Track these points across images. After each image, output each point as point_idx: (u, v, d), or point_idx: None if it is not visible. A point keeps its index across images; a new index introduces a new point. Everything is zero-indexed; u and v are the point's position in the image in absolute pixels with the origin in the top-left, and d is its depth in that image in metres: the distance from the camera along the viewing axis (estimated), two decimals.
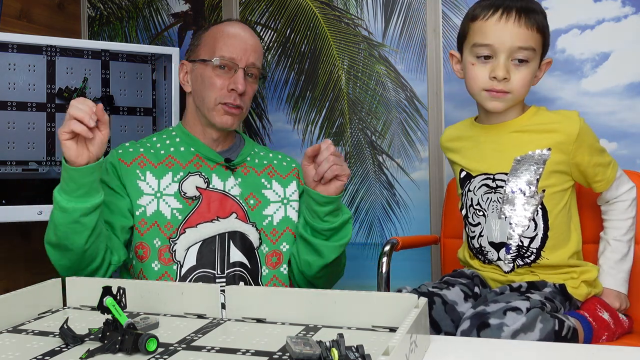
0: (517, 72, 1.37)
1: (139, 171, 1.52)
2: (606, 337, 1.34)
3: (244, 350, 0.88)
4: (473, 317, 1.20)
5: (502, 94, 1.38)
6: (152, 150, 1.57)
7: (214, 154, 1.58)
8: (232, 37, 1.57)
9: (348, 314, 0.99)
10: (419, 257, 2.04)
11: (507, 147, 1.41)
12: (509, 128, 1.43)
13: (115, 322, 0.89)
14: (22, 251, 2.20)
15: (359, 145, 2.17)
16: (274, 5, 2.26)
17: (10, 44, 1.89)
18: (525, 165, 1.38)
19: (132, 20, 2.44)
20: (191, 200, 1.51)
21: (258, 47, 1.61)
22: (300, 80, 2.24)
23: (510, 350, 0.95)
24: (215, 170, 1.56)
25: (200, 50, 1.60)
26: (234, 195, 1.54)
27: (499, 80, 1.36)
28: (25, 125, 1.91)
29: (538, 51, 1.38)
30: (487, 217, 1.43)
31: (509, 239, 1.40)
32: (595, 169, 1.40)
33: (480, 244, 1.45)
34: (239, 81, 1.53)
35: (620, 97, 1.86)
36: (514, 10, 1.35)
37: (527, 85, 1.39)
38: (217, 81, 1.55)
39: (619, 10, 1.86)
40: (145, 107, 2.11)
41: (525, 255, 1.39)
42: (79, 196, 1.31)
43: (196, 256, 1.46)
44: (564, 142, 1.37)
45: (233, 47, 1.55)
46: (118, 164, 1.52)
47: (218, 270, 1.46)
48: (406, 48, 2.11)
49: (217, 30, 1.60)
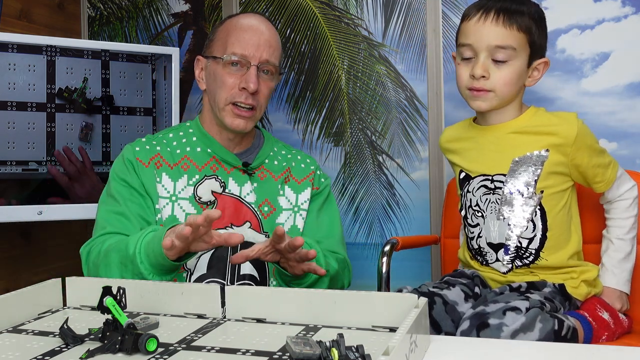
0: (498, 70, 1.37)
1: (156, 172, 1.47)
2: (606, 337, 1.34)
3: (244, 350, 0.88)
4: (473, 317, 1.20)
5: (483, 92, 1.39)
6: (168, 149, 1.51)
7: (231, 157, 1.51)
8: (245, 31, 1.48)
9: (348, 314, 0.99)
10: (419, 257, 2.04)
11: (506, 148, 1.41)
12: (507, 129, 1.43)
13: (115, 322, 0.89)
14: (22, 251, 2.20)
15: (359, 145, 2.17)
16: (274, 5, 2.26)
17: (10, 44, 1.89)
18: (523, 166, 1.39)
19: (132, 20, 2.44)
20: (206, 206, 1.46)
21: (274, 41, 1.51)
22: (300, 80, 2.24)
23: (510, 350, 0.95)
24: (232, 174, 1.50)
25: (213, 45, 1.52)
26: (249, 202, 1.49)
27: (476, 79, 1.38)
28: (25, 125, 1.91)
29: (521, 51, 1.38)
30: (485, 218, 1.43)
31: (508, 240, 1.40)
32: (594, 169, 1.40)
33: (479, 245, 1.45)
34: (251, 79, 1.45)
35: (620, 97, 1.86)
36: (493, 11, 1.37)
37: (511, 85, 1.39)
38: (228, 79, 1.47)
39: (619, 10, 1.86)
40: (145, 107, 2.11)
41: (524, 257, 1.39)
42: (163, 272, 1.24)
43: (207, 264, 1.41)
44: (562, 144, 1.37)
45: (245, 43, 1.46)
46: (136, 163, 1.47)
47: (228, 281, 1.41)
48: (406, 48, 2.11)
49: (230, 24, 1.51)
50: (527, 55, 1.39)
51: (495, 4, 1.38)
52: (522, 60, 1.39)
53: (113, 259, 1.31)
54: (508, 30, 1.36)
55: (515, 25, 1.36)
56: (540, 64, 1.43)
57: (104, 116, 2.03)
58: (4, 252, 2.14)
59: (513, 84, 1.39)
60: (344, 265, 1.52)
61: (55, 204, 1.94)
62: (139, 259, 1.23)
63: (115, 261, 1.30)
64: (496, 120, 1.44)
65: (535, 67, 1.42)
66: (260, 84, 1.47)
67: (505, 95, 1.40)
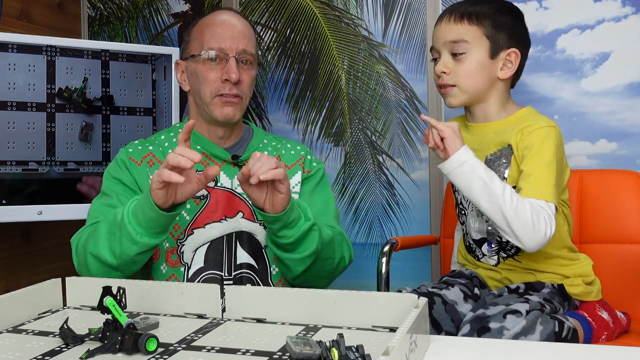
0: (458, 64, 1.42)
1: (148, 170, 1.51)
2: (606, 336, 1.34)
3: (244, 350, 0.88)
4: (473, 321, 1.20)
5: (448, 89, 1.44)
6: (160, 149, 1.55)
7: (221, 151, 1.55)
8: (219, 25, 1.53)
9: (348, 314, 0.99)
10: (419, 257, 2.05)
11: (484, 147, 1.43)
12: (491, 129, 1.44)
13: (115, 322, 0.89)
14: (22, 251, 2.20)
15: (359, 145, 2.17)
16: (274, 5, 2.26)
17: (10, 44, 1.89)
18: (495, 163, 1.41)
19: (132, 20, 2.44)
20: (199, 200, 1.49)
21: (248, 31, 1.56)
22: (300, 80, 2.24)
23: (510, 350, 0.95)
24: (223, 168, 1.54)
25: (190, 46, 1.57)
26: (240, 193, 1.52)
27: (438, 75, 1.44)
28: (25, 125, 1.91)
29: (475, 43, 1.41)
30: (467, 215, 1.47)
31: (489, 235, 1.43)
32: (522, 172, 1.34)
33: (468, 242, 1.49)
34: (232, 70, 1.49)
35: (620, 97, 1.86)
36: (447, 13, 1.45)
37: (473, 77, 1.41)
38: (210, 74, 1.51)
39: (619, 10, 1.86)
40: (145, 107, 2.11)
41: (506, 249, 1.42)
42: (153, 233, 1.29)
43: (204, 258, 1.45)
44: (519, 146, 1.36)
45: (220, 37, 1.51)
46: (129, 162, 1.51)
47: (225, 272, 1.44)
48: (406, 48, 2.11)
49: (203, 23, 1.57)
50: (485, 47, 1.41)
51: (451, 7, 1.46)
52: (479, 52, 1.41)
53: (101, 231, 1.35)
54: (459, 25, 1.42)
55: (465, 20, 1.42)
56: (510, 54, 1.43)
57: (104, 116, 2.03)
58: (4, 252, 2.14)
59: (474, 75, 1.41)
60: (340, 237, 1.51)
61: (55, 204, 1.94)
62: (127, 220, 1.27)
63: (103, 232, 1.34)
64: (481, 118, 1.47)
65: (505, 58, 1.43)
66: (242, 74, 1.52)
67: (470, 87, 1.42)
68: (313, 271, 1.44)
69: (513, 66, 1.44)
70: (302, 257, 1.39)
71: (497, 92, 1.44)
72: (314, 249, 1.39)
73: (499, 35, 1.42)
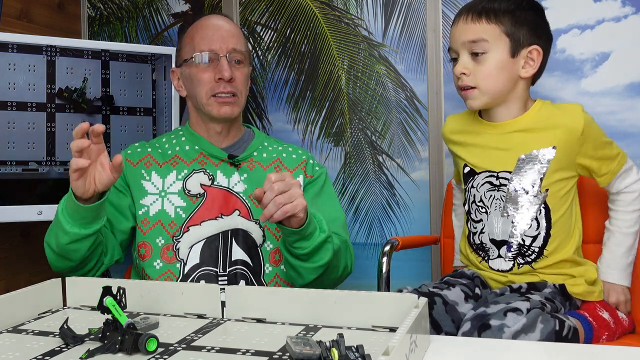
0: (478, 65, 1.40)
1: (145, 171, 1.55)
2: (606, 336, 1.34)
3: (244, 350, 0.88)
4: (474, 319, 1.20)
5: (469, 90, 1.41)
6: (159, 150, 1.59)
7: (218, 151, 1.58)
8: (208, 28, 1.58)
9: (348, 314, 0.99)
10: (419, 257, 2.04)
11: (512, 146, 1.41)
12: (513, 127, 1.42)
13: (115, 322, 0.89)
14: (22, 251, 2.20)
15: (359, 145, 2.17)
16: (274, 5, 2.26)
17: (10, 44, 1.89)
18: (529, 164, 1.39)
19: (132, 20, 2.44)
20: (195, 198, 1.52)
21: (236, 31, 1.61)
22: (300, 80, 2.23)
23: (511, 350, 0.95)
24: (220, 167, 1.56)
25: (182, 52, 1.62)
26: (237, 192, 1.54)
27: (458, 77, 1.42)
28: (25, 125, 1.91)
29: (495, 42, 1.38)
30: (489, 214, 1.43)
31: (511, 237, 1.40)
32: (600, 162, 1.40)
33: (481, 240, 1.45)
34: (224, 68, 1.53)
35: (620, 97, 1.86)
36: (464, 12, 1.42)
37: (494, 77, 1.39)
38: (203, 76, 1.55)
39: (619, 10, 1.86)
40: (145, 107, 2.11)
41: (527, 254, 1.39)
42: (82, 224, 1.34)
43: (199, 254, 1.47)
44: (567, 139, 1.37)
45: (210, 39, 1.56)
46: (125, 164, 1.52)
47: (220, 269, 1.47)
48: (406, 48, 2.11)
49: (193, 29, 1.61)
50: (506, 46, 1.39)
51: (468, 6, 1.43)
52: (500, 51, 1.39)
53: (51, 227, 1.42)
54: (477, 24, 1.40)
55: (483, 18, 1.39)
56: (531, 52, 1.41)
57: (104, 116, 2.03)
58: (4, 252, 2.14)
59: (495, 75, 1.39)
60: (345, 246, 1.54)
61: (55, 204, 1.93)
62: (59, 210, 1.36)
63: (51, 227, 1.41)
64: (501, 117, 1.44)
65: (526, 56, 1.41)
66: (234, 72, 1.56)
67: (491, 89, 1.40)
68: (320, 279, 1.47)
69: (535, 64, 1.41)
70: (315, 266, 1.42)
71: (519, 91, 1.43)
72: (327, 259, 1.42)
73: (520, 33, 1.39)
